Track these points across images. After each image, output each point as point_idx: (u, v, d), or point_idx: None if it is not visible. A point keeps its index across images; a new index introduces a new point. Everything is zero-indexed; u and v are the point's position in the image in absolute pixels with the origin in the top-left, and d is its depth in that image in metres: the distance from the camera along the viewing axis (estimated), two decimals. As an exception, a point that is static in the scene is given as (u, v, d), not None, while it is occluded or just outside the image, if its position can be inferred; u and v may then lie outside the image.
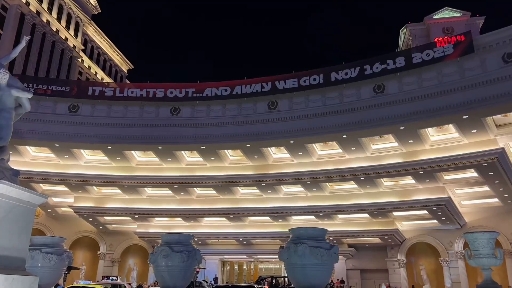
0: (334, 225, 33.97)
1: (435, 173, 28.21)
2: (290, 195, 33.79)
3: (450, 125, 26.16)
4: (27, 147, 31.25)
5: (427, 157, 27.43)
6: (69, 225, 38.16)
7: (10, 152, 8.08)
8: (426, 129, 26.83)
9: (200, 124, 29.76)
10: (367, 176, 29.48)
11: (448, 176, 29.43)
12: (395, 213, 33.19)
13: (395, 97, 25.94)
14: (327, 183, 32.18)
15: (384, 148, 29.06)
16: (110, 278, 33.63)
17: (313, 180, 30.78)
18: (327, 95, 28.13)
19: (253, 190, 33.95)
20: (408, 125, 25.67)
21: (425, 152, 27.71)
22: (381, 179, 30.63)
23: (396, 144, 28.18)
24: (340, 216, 34.72)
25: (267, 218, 36.01)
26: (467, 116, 24.14)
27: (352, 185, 31.62)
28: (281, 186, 33.15)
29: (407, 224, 35.57)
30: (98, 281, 32.51)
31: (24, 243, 7.38)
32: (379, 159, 28.90)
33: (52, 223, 38.44)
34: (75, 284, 25.93)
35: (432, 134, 27.69)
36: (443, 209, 30.28)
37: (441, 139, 27.48)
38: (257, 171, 31.63)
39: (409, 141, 27.42)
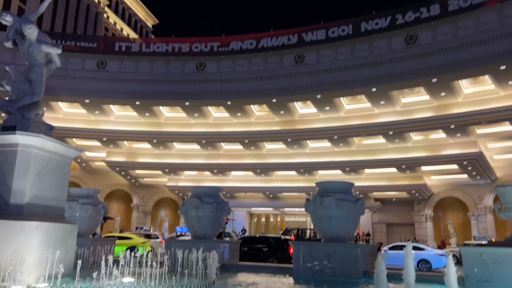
0: (361, 180, 33.98)
1: (467, 127, 27.38)
2: (317, 150, 33.78)
3: (486, 77, 24.97)
4: (60, 104, 32.15)
5: (459, 110, 26.52)
6: (103, 179, 39.79)
7: (44, 108, 8.34)
8: (459, 81, 25.75)
9: (225, 79, 29.60)
10: (396, 131, 28.96)
11: (481, 130, 28.54)
12: (424, 168, 32.79)
13: (428, 47, 24.79)
14: (354, 138, 31.89)
15: (414, 102, 28.23)
16: (144, 228, 35.35)
17: (340, 135, 30.53)
18: (356, 47, 27.18)
19: (280, 146, 34.11)
20: (441, 77, 24.66)
21: (458, 105, 26.77)
22: (411, 133, 30.05)
23: (427, 97, 27.29)
24: (367, 171, 34.64)
25: (293, 173, 36.37)
26: (504, 67, 22.90)
27: (380, 139, 31.22)
28: (308, 141, 33.10)
29: (435, 179, 35.21)
30: (131, 231, 34.21)
31: (63, 194, 7.80)
32: (409, 113, 28.18)
33: (87, 177, 40.19)
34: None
35: (466, 86, 26.56)
36: (474, 164, 29.65)
37: (476, 92, 26.37)
38: (283, 126, 31.58)
39: (441, 94, 26.47)
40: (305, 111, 31.26)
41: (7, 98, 7.50)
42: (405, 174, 33.73)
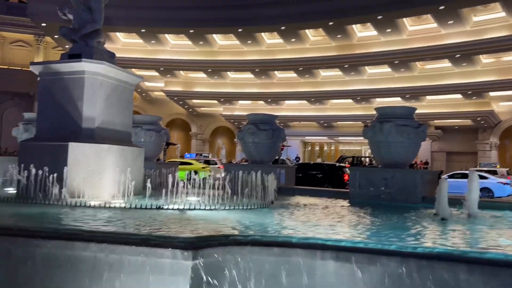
0: (422, 107, 32.35)
1: (548, 47, 24.66)
2: (375, 76, 32.39)
3: None
4: (117, 34, 32.86)
5: (541, 28, 23.76)
6: (163, 108, 41.37)
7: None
8: (545, -6, 22.71)
9: (279, 2, 28.24)
10: (464, 53, 26.78)
11: None
12: (492, 94, 30.56)
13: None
14: (417, 63, 30.02)
15: (487, 20, 25.55)
16: (203, 154, 37.13)
17: (402, 59, 28.81)
18: (424, -41, 24.47)
19: (335, 73, 33.03)
20: (522, -10, 21.88)
21: (540, 22, 23.92)
22: (480, 56, 27.65)
23: (503, 14, 24.53)
24: (428, 97, 32.97)
25: (350, 101, 35.49)
26: None
27: (445, 63, 29.14)
28: (366, 67, 31.71)
29: (504, 105, 32.84)
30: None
31: (128, 119, 8.21)
32: (481, 33, 25.67)
33: (147, 106, 41.98)
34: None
35: (552, 0, 23.41)
36: (552, 89, 27.11)
37: None
38: (340, 51, 30.24)
39: (521, 10, 23.65)
40: (364, 34, 29.52)
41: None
42: (470, 100, 31.71)
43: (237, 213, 5.84)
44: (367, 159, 30.81)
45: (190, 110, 42.06)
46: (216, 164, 29.48)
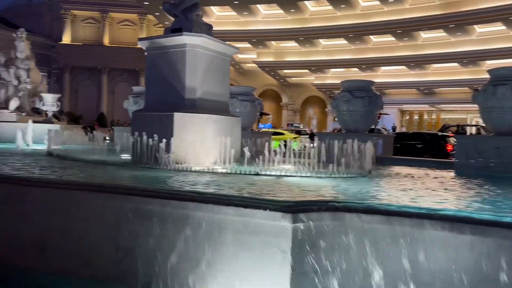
0: (544, 69, 28.44)
1: None
2: (486, 35, 29.02)
3: None
4: (212, 8, 33.83)
5: None
6: (254, 79, 42.10)
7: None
8: None
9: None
10: None
11: None
12: None
13: None
14: (540, 17, 26.13)
15: None
16: (294, 124, 37.28)
17: (520, 14, 25.32)
18: None
19: (439, 34, 30.28)
20: None
21: None
22: None
23: None
24: (554, 57, 28.66)
25: (455, 64, 32.46)
26: None
27: None
28: (475, 26, 28.47)
29: None
30: (283, 127, 36.39)
31: (226, 90, 8.51)
32: None
33: (240, 78, 43.04)
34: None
35: None
36: None
37: None
38: (445, 10, 27.52)
39: None
40: (473, -12, 26.44)
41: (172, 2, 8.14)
42: None
43: (334, 181, 5.79)
44: (474, 128, 28.17)
45: (281, 80, 42.16)
46: (307, 134, 29.40)
